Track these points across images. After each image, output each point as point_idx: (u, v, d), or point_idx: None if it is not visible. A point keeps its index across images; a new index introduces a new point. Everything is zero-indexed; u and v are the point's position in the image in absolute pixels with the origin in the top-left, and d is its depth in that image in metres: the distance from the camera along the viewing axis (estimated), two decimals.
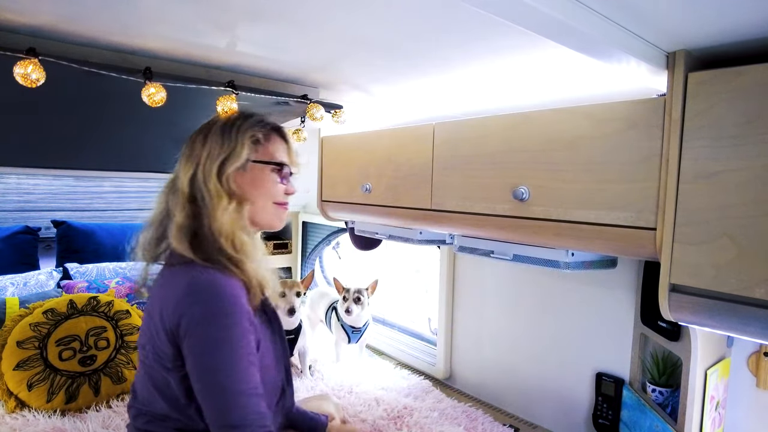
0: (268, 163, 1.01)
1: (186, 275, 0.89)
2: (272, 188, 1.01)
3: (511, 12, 0.68)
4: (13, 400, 1.46)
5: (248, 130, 0.99)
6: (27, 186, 2.03)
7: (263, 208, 1.01)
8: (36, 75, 1.06)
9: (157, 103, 1.23)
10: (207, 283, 0.87)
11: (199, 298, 0.86)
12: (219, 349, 0.84)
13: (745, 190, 0.81)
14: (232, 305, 0.87)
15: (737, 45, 0.87)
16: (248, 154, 0.98)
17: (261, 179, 1.00)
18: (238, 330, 0.86)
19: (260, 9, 0.90)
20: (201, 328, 0.85)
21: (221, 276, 0.89)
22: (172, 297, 0.88)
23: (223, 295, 0.87)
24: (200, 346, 0.85)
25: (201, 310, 0.85)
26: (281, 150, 1.04)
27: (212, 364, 0.85)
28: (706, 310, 0.88)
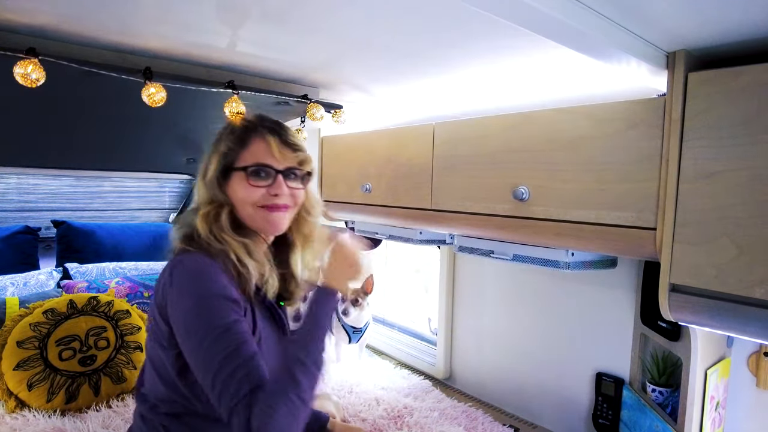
0: (237, 169, 0.99)
1: (176, 257, 0.95)
2: (246, 193, 0.99)
3: (511, 12, 0.68)
4: (13, 400, 1.46)
5: (226, 137, 1.02)
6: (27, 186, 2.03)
7: (246, 212, 1.00)
8: (36, 75, 1.06)
9: (157, 103, 1.23)
10: (188, 262, 0.92)
11: (178, 274, 0.91)
12: (198, 317, 0.86)
13: (745, 190, 0.81)
14: (208, 282, 0.89)
15: (737, 45, 0.87)
16: (220, 163, 1.00)
17: (236, 185, 1.00)
18: (214, 302, 0.87)
19: (260, 9, 0.90)
20: (180, 299, 0.89)
21: (205, 258, 0.92)
22: (162, 276, 0.95)
23: (200, 274, 0.90)
24: (182, 316, 0.88)
25: (178, 282, 0.90)
26: (261, 150, 1.00)
27: (193, 336, 0.86)
28: (706, 310, 0.88)
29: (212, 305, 0.87)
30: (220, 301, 0.88)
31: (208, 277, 0.90)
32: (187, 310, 0.88)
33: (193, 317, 0.87)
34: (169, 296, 0.90)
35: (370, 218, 1.72)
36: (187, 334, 0.87)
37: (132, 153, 1.94)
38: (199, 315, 0.86)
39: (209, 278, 0.90)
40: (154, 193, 2.40)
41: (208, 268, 0.91)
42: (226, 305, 0.88)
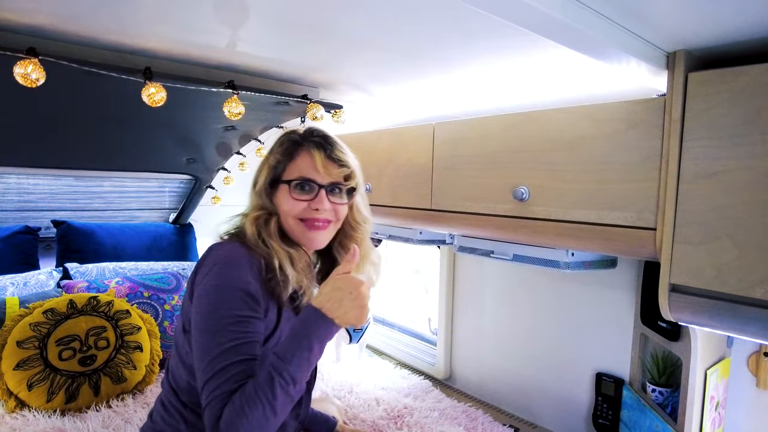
0: (283, 181, 1.02)
1: (215, 244, 0.98)
2: (289, 206, 1.00)
3: (511, 12, 0.68)
4: (13, 399, 1.46)
5: (276, 149, 1.04)
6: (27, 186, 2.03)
7: (288, 224, 1.02)
8: (36, 75, 1.06)
9: (157, 103, 1.23)
10: (222, 249, 0.94)
11: (211, 256, 0.93)
12: (212, 303, 0.87)
13: (746, 190, 0.81)
14: (235, 272, 0.90)
15: (737, 45, 0.87)
16: (269, 175, 1.02)
17: (281, 197, 1.02)
18: (231, 294, 0.87)
19: (260, 9, 0.90)
20: (202, 285, 0.90)
21: (241, 248, 0.94)
22: (201, 259, 0.97)
23: (229, 261, 0.91)
24: (198, 298, 0.90)
25: (209, 264, 0.92)
26: (306, 164, 1.01)
27: (200, 320, 0.88)
28: (706, 311, 0.88)
29: (230, 295, 0.88)
30: (239, 294, 0.88)
31: (236, 267, 0.90)
32: (205, 294, 0.89)
33: (208, 302, 0.88)
34: (198, 276, 0.93)
35: None
36: (198, 316, 0.89)
37: (132, 153, 1.94)
38: (215, 301, 0.88)
39: (237, 268, 0.90)
40: (154, 193, 2.40)
41: (240, 258, 0.92)
42: (244, 300, 0.88)
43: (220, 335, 0.85)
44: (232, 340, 0.85)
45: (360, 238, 1.10)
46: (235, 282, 0.89)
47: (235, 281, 0.89)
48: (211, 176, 2.28)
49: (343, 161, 1.02)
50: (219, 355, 0.84)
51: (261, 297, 0.92)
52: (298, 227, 1.01)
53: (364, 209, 1.12)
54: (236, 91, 1.33)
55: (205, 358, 0.85)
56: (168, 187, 2.39)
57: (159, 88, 1.22)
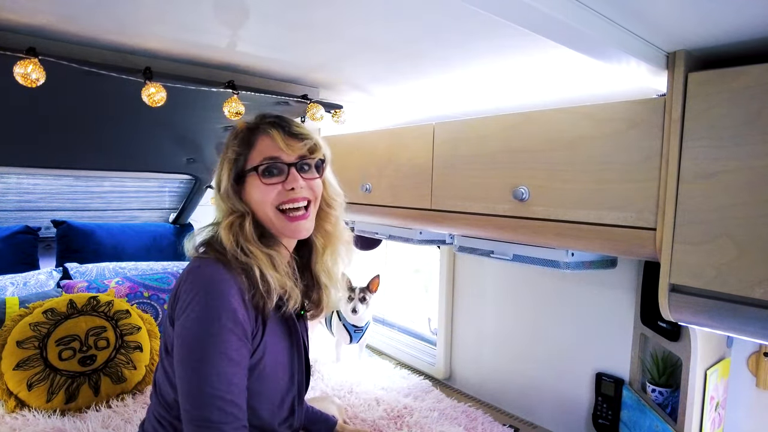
0: (249, 171, 0.95)
1: (193, 263, 0.93)
2: (262, 194, 0.95)
3: (511, 12, 0.68)
4: (13, 399, 1.46)
5: (231, 143, 0.99)
6: (27, 186, 2.03)
7: (266, 216, 0.96)
8: (36, 75, 1.06)
9: (157, 102, 1.23)
10: (203, 274, 0.89)
11: (191, 282, 0.88)
12: (194, 343, 0.84)
13: (746, 190, 0.81)
14: (217, 301, 0.85)
15: (737, 45, 0.87)
16: (231, 171, 0.96)
17: (251, 189, 0.96)
18: (216, 327, 0.84)
19: (261, 9, 0.90)
20: (185, 316, 0.86)
21: (222, 271, 0.89)
22: (178, 282, 0.93)
23: (212, 290, 0.86)
24: (180, 335, 0.86)
25: (190, 291, 0.87)
26: (268, 146, 0.96)
27: (185, 355, 0.85)
28: (706, 311, 0.88)
29: (216, 328, 0.84)
30: (224, 327, 0.84)
31: (219, 294, 0.86)
32: (189, 326, 0.85)
33: (193, 336, 0.85)
34: (179, 303, 0.89)
35: (370, 218, 1.72)
36: (184, 348, 0.86)
37: (132, 153, 1.94)
38: (200, 335, 0.84)
39: (220, 295, 0.86)
40: (154, 193, 2.40)
41: (221, 283, 0.87)
42: (229, 331, 0.85)
43: (203, 371, 0.82)
44: (214, 377, 0.82)
45: (335, 217, 1.08)
46: (219, 312, 0.85)
47: (219, 311, 0.85)
48: (210, 176, 2.28)
49: (304, 134, 0.98)
50: (200, 392, 0.82)
51: (247, 320, 0.88)
52: (278, 220, 0.96)
53: (335, 184, 1.09)
54: (236, 91, 1.33)
55: (186, 393, 0.83)
56: (168, 187, 2.39)
57: (159, 88, 1.22)
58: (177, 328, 0.88)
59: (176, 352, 0.87)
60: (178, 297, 0.90)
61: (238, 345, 0.86)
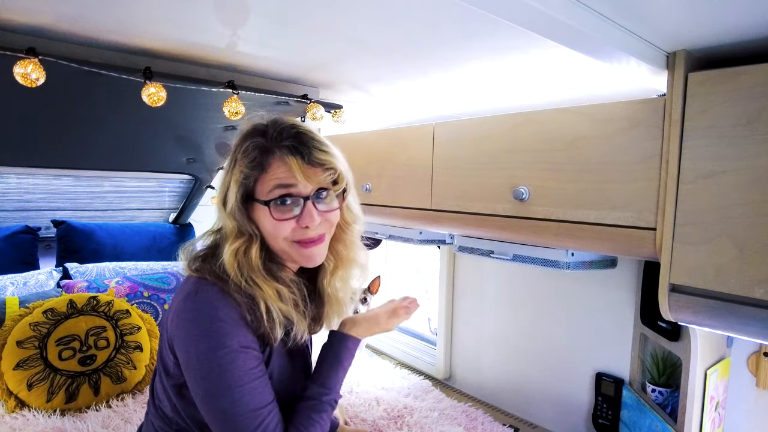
0: (258, 201, 0.84)
1: (190, 284, 0.86)
2: (273, 229, 0.85)
3: (511, 12, 0.68)
4: (13, 399, 1.46)
5: (241, 160, 0.85)
6: (27, 185, 2.03)
7: (278, 246, 0.87)
8: (36, 74, 1.06)
9: (157, 102, 1.23)
10: (201, 302, 0.82)
11: (191, 311, 0.82)
12: (212, 373, 0.80)
13: (745, 190, 0.81)
14: (223, 328, 0.80)
15: (737, 45, 0.87)
16: (239, 191, 0.84)
17: (261, 217, 0.85)
18: (228, 354, 0.80)
19: (261, 9, 0.90)
20: (191, 348, 0.82)
21: (221, 297, 0.82)
22: (174, 305, 0.86)
23: (215, 318, 0.81)
24: (193, 368, 0.82)
25: (191, 320, 0.82)
26: (283, 171, 0.83)
27: (207, 388, 0.81)
28: (706, 311, 0.87)
29: (228, 356, 0.80)
30: (234, 353, 0.80)
31: (223, 322, 0.80)
32: (204, 358, 0.80)
33: (210, 367, 0.80)
34: (179, 331, 0.83)
35: (370, 218, 1.71)
36: (200, 380, 0.82)
37: (132, 153, 1.94)
38: (217, 364, 0.80)
39: (224, 322, 0.80)
40: (154, 193, 2.40)
41: (223, 310, 0.81)
42: (239, 356, 0.81)
43: (228, 400, 0.80)
44: (242, 402, 0.80)
45: (349, 240, 0.98)
46: (226, 340, 0.80)
47: (226, 339, 0.80)
48: (211, 176, 2.28)
49: (326, 163, 0.85)
50: (239, 415, 0.80)
51: (253, 341, 0.84)
52: (291, 249, 0.87)
53: (355, 207, 0.98)
54: (236, 90, 1.33)
55: (231, 422, 0.80)
56: (168, 186, 2.39)
57: (159, 87, 1.22)
58: (185, 359, 0.83)
59: (195, 385, 0.83)
60: (175, 322, 0.84)
61: (253, 356, 0.83)
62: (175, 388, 0.90)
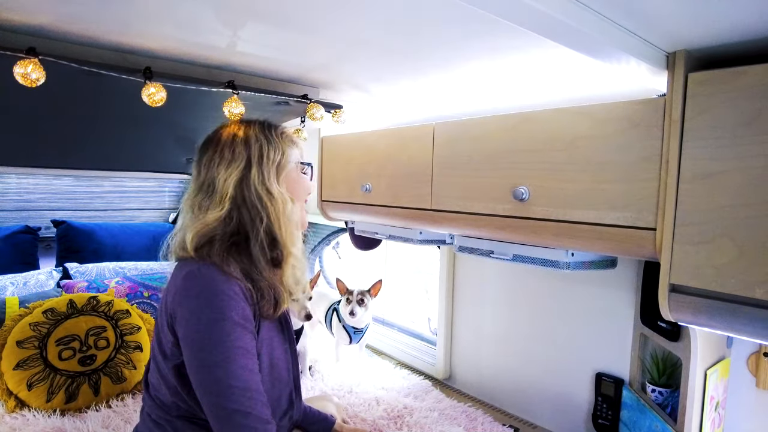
0: (303, 163, 1.09)
1: (188, 266, 0.93)
2: (303, 187, 1.08)
3: (511, 11, 0.68)
4: (13, 399, 1.46)
5: (284, 133, 1.07)
6: (27, 185, 2.03)
7: (300, 207, 1.07)
8: (36, 74, 1.06)
9: (157, 102, 1.23)
10: (204, 277, 0.90)
11: (194, 289, 0.89)
12: (210, 343, 0.86)
13: (746, 190, 0.81)
14: (222, 300, 0.88)
15: (737, 45, 0.87)
16: (292, 157, 1.05)
17: (298, 179, 1.07)
18: (228, 325, 0.87)
19: (261, 9, 0.90)
20: (192, 320, 0.87)
21: (221, 275, 0.91)
22: (173, 286, 0.93)
23: (216, 290, 0.88)
24: (192, 339, 0.88)
25: (193, 303, 0.88)
26: (299, 151, 1.10)
27: (203, 358, 0.86)
28: (706, 311, 0.87)
29: (227, 326, 0.87)
30: (236, 323, 0.88)
31: (223, 293, 0.89)
32: (201, 328, 0.87)
33: (205, 336, 0.86)
34: (180, 310, 0.89)
35: (370, 218, 1.71)
36: (197, 351, 0.87)
37: (132, 153, 1.94)
38: (212, 335, 0.86)
39: (225, 294, 0.89)
40: (154, 193, 2.40)
41: (224, 287, 0.89)
42: (240, 326, 0.89)
43: (223, 373, 0.85)
44: (235, 377, 0.85)
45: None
46: (228, 310, 0.88)
47: (228, 310, 0.88)
48: None
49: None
50: (225, 394, 0.85)
51: (251, 316, 0.93)
52: (303, 210, 1.08)
53: None
54: (236, 90, 1.33)
55: (212, 397, 0.86)
56: (168, 186, 2.39)
57: (159, 87, 1.22)
58: (185, 332, 0.88)
59: (191, 357, 0.88)
60: (176, 305, 0.90)
61: (250, 337, 0.91)
62: (174, 369, 0.93)
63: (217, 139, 1.03)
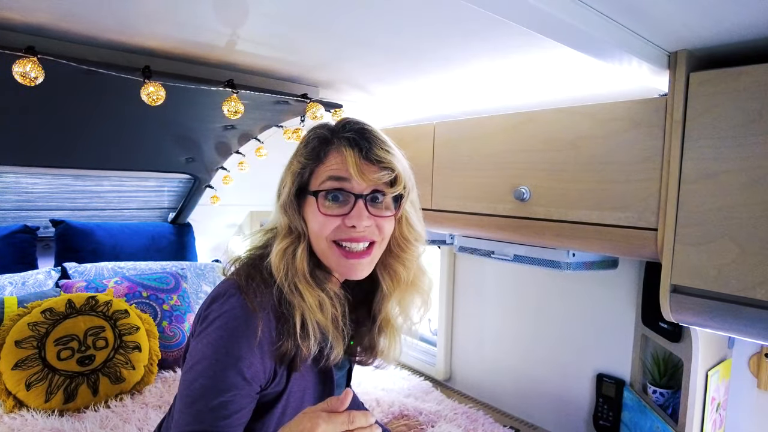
0: (309, 192, 0.80)
1: (225, 288, 0.79)
2: (318, 224, 0.79)
3: (512, 11, 0.68)
4: (12, 399, 1.45)
5: (301, 150, 0.83)
6: (26, 185, 2.02)
7: (318, 247, 0.81)
8: (35, 73, 1.05)
9: (156, 102, 1.23)
10: (229, 306, 0.75)
11: (214, 315, 0.76)
12: (198, 377, 0.74)
13: (747, 190, 0.81)
14: (233, 345, 0.73)
15: (738, 45, 0.87)
16: (294, 183, 0.81)
17: (309, 213, 0.80)
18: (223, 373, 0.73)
19: (260, 8, 0.90)
20: (198, 344, 0.76)
21: (248, 310, 0.75)
22: (205, 302, 0.81)
23: (234, 325, 0.74)
24: (190, 362, 0.76)
25: (208, 323, 0.76)
26: (338, 163, 0.79)
27: (183, 388, 0.75)
28: (708, 311, 0.87)
29: (220, 372, 0.72)
30: (232, 374, 0.72)
31: (237, 336, 0.73)
32: (198, 360, 0.74)
33: (197, 372, 0.74)
34: (196, 331, 0.78)
35: None
36: (183, 376, 0.76)
37: (131, 152, 1.94)
38: (203, 372, 0.73)
39: (238, 337, 0.73)
40: (153, 193, 2.40)
41: (244, 325, 0.74)
42: (235, 383, 0.73)
43: (200, 408, 0.72)
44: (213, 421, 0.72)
45: (410, 261, 0.89)
46: (230, 358, 0.72)
47: (231, 357, 0.72)
48: (210, 175, 2.27)
49: (384, 161, 0.78)
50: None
51: (261, 372, 0.75)
52: (332, 254, 0.80)
53: (417, 223, 0.89)
54: (236, 90, 1.33)
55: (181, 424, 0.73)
56: (167, 186, 2.39)
57: (158, 86, 1.22)
58: (188, 353, 0.79)
59: (180, 383, 0.77)
60: (198, 319, 0.80)
61: (241, 400, 0.74)
62: None
63: None
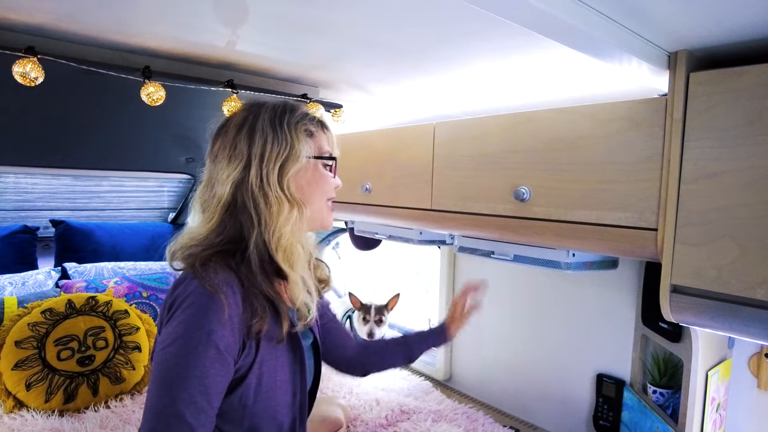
0: (322, 158, 0.93)
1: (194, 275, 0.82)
2: (326, 184, 0.94)
3: (512, 11, 0.67)
4: (12, 399, 1.45)
5: (300, 123, 0.90)
6: (25, 185, 2.02)
7: (319, 208, 0.94)
8: (35, 74, 1.05)
9: (156, 102, 1.23)
10: (199, 294, 0.79)
11: (180, 300, 0.80)
12: (173, 360, 0.76)
13: (747, 190, 0.81)
14: (203, 322, 0.77)
15: (739, 45, 0.87)
16: (306, 151, 0.90)
17: (317, 176, 0.93)
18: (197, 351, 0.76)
19: (260, 8, 0.90)
20: (168, 326, 0.79)
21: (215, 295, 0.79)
22: (173, 289, 0.84)
23: (204, 309, 0.78)
24: (161, 350, 0.78)
25: (175, 314, 0.79)
26: (325, 141, 0.96)
27: (160, 371, 0.77)
28: (708, 311, 0.87)
29: (193, 352, 0.76)
30: (207, 349, 0.76)
31: (208, 312, 0.77)
32: (170, 342, 0.77)
33: (170, 352, 0.76)
34: (165, 318, 0.82)
35: (370, 218, 1.71)
36: (157, 363, 0.78)
37: (131, 152, 1.94)
38: (175, 354, 0.76)
39: (209, 313, 0.77)
40: (153, 193, 2.40)
41: (211, 300, 0.78)
42: (210, 359, 0.76)
43: (178, 393, 0.74)
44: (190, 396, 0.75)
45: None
46: (202, 333, 0.76)
47: (202, 336, 0.76)
48: None
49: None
50: (171, 414, 0.74)
51: (234, 345, 0.80)
52: (326, 210, 0.95)
53: None
54: (236, 90, 1.33)
55: (157, 412, 0.75)
56: (167, 186, 2.39)
57: (158, 87, 1.22)
58: (158, 341, 0.81)
59: (153, 367, 0.79)
60: (163, 313, 0.83)
61: (216, 372, 0.78)
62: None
63: (226, 128, 0.91)
